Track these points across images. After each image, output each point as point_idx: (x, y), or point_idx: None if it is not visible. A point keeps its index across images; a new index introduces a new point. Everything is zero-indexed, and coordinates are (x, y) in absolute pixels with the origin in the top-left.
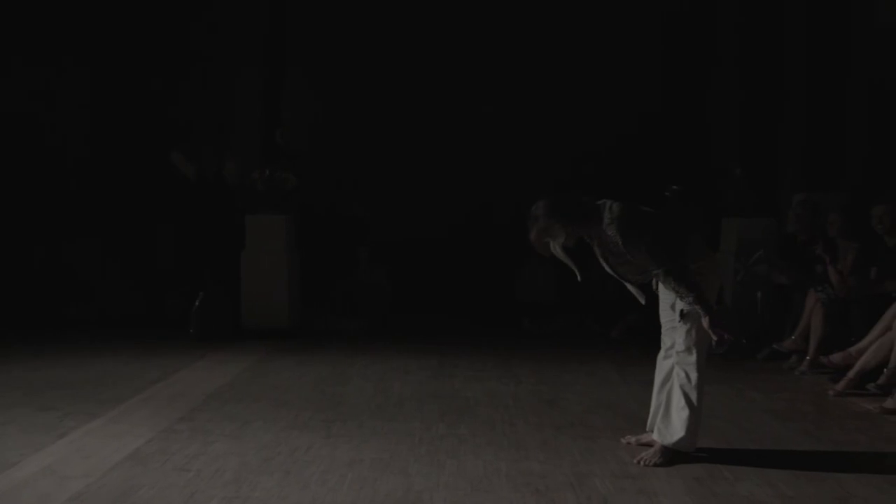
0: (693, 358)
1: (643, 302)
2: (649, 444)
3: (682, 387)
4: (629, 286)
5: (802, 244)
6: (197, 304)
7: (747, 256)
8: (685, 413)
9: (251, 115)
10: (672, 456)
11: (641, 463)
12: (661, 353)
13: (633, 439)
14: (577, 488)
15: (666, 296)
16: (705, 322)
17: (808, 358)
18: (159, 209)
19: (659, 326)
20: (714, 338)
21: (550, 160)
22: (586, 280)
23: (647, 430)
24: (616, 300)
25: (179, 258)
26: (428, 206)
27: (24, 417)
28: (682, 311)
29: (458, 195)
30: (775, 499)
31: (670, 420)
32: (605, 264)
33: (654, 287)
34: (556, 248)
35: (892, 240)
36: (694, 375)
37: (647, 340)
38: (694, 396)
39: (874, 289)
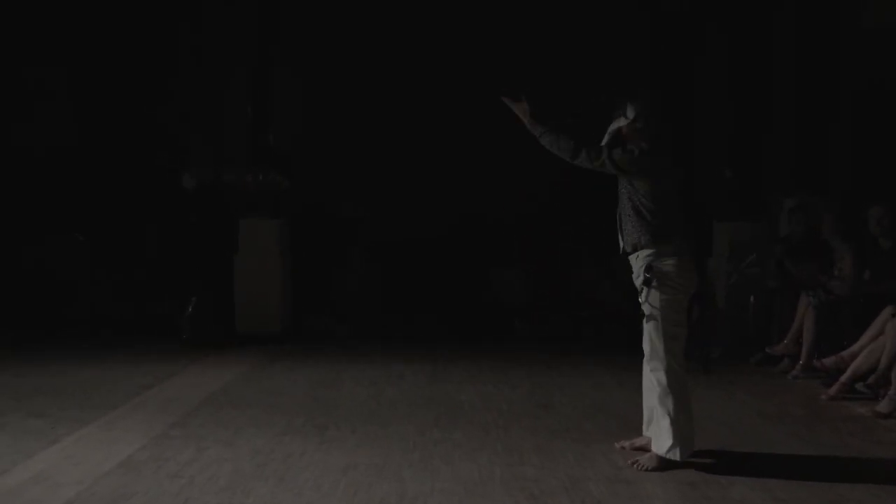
0: (660, 364)
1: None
2: (643, 448)
3: (658, 396)
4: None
5: (797, 247)
6: (190, 308)
7: (739, 260)
8: (665, 422)
9: (241, 117)
10: (666, 463)
11: (636, 467)
12: (645, 358)
13: (626, 443)
14: (571, 492)
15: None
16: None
17: (800, 362)
18: (149, 212)
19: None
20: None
21: (543, 166)
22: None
23: (644, 434)
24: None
25: (171, 263)
26: (420, 207)
27: (14, 424)
28: (644, 279)
29: (449, 197)
30: (768, 502)
31: (659, 429)
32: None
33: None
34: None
35: (887, 242)
36: (664, 381)
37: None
38: (669, 403)
39: (870, 289)
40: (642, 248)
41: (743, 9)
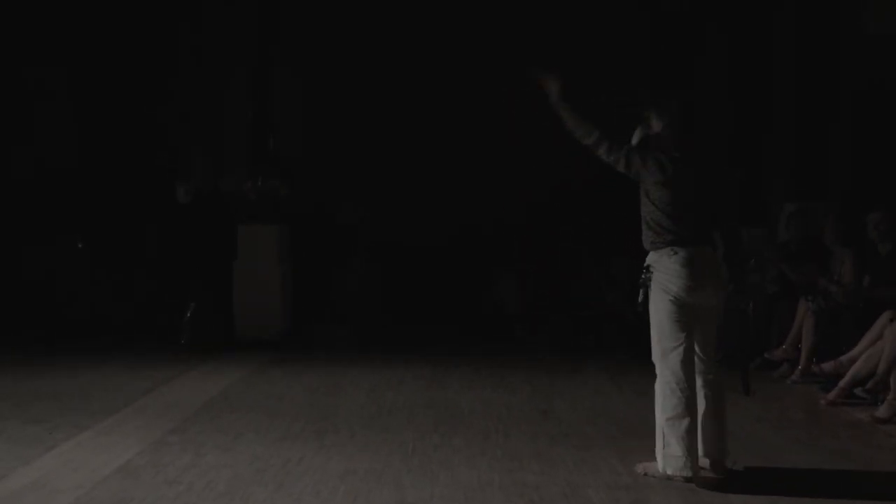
0: (656, 369)
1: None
2: None
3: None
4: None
5: (796, 252)
6: (189, 313)
7: None
8: (658, 439)
9: (241, 119)
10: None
11: (640, 471)
12: None
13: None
14: (570, 499)
15: None
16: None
17: (799, 367)
18: (148, 213)
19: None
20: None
21: (543, 166)
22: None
23: None
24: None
25: (171, 266)
26: (420, 209)
27: (11, 429)
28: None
29: (450, 198)
30: None
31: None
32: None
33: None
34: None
35: (885, 247)
36: (656, 387)
37: (642, 348)
38: (658, 411)
39: (870, 294)
40: (648, 251)
41: (743, 9)
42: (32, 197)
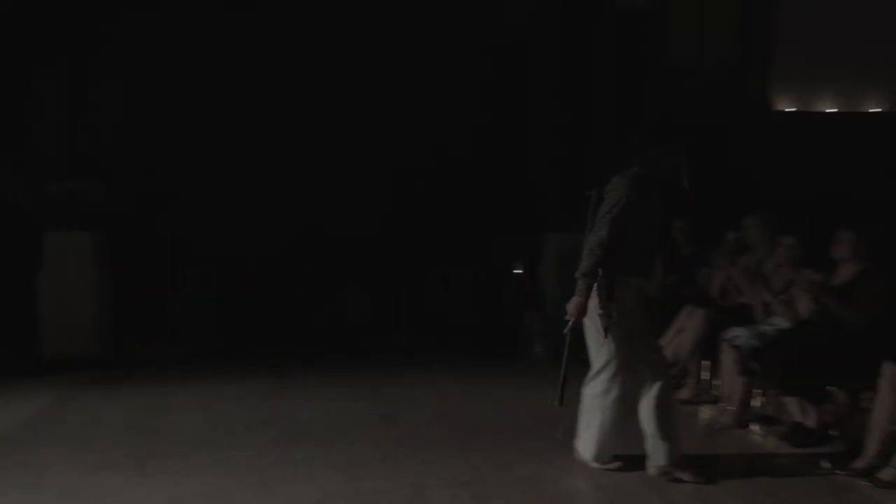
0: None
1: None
2: None
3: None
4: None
5: None
6: None
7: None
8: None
9: (51, 120)
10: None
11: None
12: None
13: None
14: (415, 501)
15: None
16: (571, 304)
17: None
18: None
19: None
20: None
21: (379, 178)
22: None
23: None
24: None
25: None
26: (255, 220)
27: None
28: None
29: (287, 209)
30: (592, 490)
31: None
32: None
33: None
34: None
35: (687, 250)
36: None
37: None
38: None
39: (673, 292)
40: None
41: (567, 44)
42: None
